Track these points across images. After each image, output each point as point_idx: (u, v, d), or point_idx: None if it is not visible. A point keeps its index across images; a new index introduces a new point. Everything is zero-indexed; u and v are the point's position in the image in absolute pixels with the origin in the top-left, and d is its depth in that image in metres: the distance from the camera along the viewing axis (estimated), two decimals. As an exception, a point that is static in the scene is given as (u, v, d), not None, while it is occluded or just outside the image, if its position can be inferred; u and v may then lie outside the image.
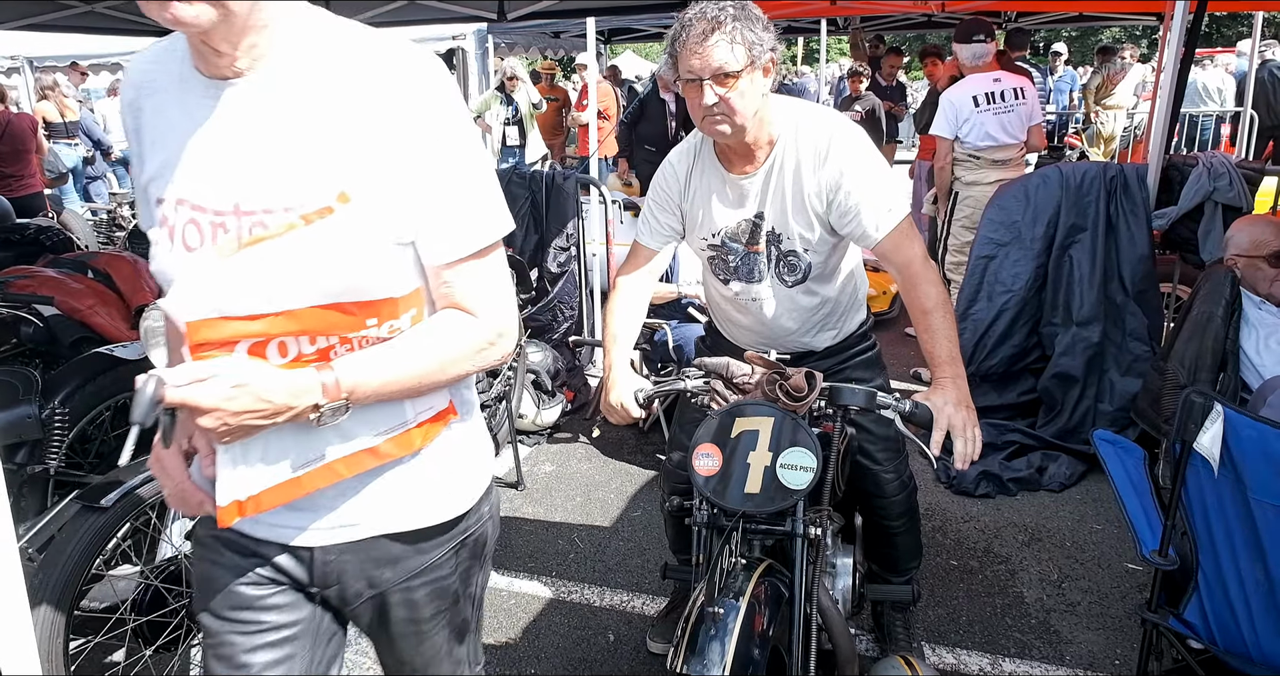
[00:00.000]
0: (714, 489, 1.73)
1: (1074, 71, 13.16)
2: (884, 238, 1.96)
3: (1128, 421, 3.60)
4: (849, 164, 1.96)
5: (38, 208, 6.17)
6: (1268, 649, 1.95)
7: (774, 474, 1.71)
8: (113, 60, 10.37)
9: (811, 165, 1.99)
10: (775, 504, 1.70)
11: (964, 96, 4.68)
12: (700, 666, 1.53)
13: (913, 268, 1.97)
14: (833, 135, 1.98)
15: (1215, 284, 2.84)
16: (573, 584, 2.96)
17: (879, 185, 1.97)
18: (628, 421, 2.05)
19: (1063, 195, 3.87)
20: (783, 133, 2.00)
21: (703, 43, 1.83)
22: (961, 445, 1.76)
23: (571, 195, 4.80)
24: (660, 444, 3.95)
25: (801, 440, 1.71)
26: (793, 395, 1.75)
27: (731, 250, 2.14)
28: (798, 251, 2.09)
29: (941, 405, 1.78)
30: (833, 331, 2.27)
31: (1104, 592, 2.86)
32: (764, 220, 2.08)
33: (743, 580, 1.69)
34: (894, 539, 2.40)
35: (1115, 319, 3.82)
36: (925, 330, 1.93)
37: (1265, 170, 4.03)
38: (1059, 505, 3.44)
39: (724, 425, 1.77)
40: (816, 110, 2.07)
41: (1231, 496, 1.93)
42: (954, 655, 2.56)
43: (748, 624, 1.59)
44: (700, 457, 1.76)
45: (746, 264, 2.14)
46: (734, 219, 2.10)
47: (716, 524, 1.81)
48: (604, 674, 2.52)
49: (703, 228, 2.16)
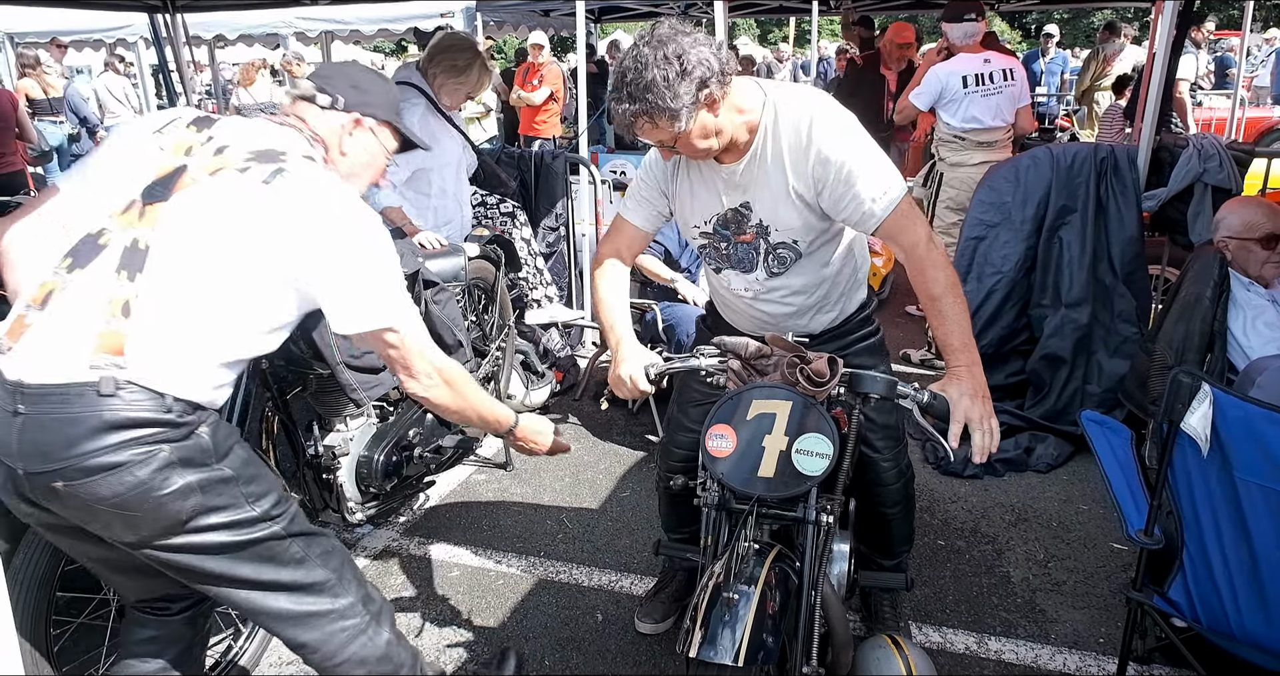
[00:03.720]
0: (727, 471, 1.71)
1: (1065, 53, 13.11)
2: (884, 220, 1.88)
3: (1115, 402, 3.61)
4: (834, 145, 1.87)
5: (19, 186, 6.09)
6: (1250, 627, 1.96)
7: (789, 459, 1.68)
8: (94, 37, 10.21)
9: (793, 149, 1.91)
10: (789, 489, 1.68)
11: (953, 74, 4.65)
12: (714, 652, 1.52)
13: (918, 251, 1.88)
14: (813, 115, 1.89)
15: (1203, 265, 2.84)
16: (561, 564, 2.96)
17: (870, 165, 1.87)
18: (635, 396, 2.02)
19: (1053, 176, 3.87)
20: (763, 118, 1.93)
21: (632, 128, 1.84)
22: (980, 437, 1.72)
23: (560, 175, 4.77)
24: (649, 425, 3.95)
25: (820, 426, 1.69)
26: (814, 380, 1.72)
27: (723, 238, 2.10)
28: (786, 243, 2.04)
29: (958, 396, 1.74)
30: (831, 313, 2.22)
31: (1090, 572, 2.88)
32: (751, 210, 2.03)
33: (754, 565, 1.67)
34: (889, 525, 2.40)
35: (1104, 300, 3.82)
36: (935, 315, 1.86)
37: (1255, 152, 4.04)
38: (1046, 485, 3.45)
39: (740, 406, 1.74)
40: (794, 90, 1.98)
41: (1217, 476, 1.94)
42: (940, 634, 2.58)
43: (760, 610, 1.58)
44: (714, 438, 1.73)
45: (738, 253, 2.10)
46: (722, 207, 2.06)
47: (727, 506, 1.79)
48: (592, 653, 2.52)
49: (693, 214, 2.12)
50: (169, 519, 1.51)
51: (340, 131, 1.79)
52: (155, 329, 1.50)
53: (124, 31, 9.90)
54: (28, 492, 1.52)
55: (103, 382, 1.45)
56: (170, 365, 1.51)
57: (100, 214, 1.57)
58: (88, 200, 1.62)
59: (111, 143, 1.72)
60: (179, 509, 1.51)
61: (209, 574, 1.61)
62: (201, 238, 1.53)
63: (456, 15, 8.63)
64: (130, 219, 1.55)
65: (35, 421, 1.46)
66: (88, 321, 1.49)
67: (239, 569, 1.62)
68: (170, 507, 1.50)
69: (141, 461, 1.47)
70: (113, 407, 1.46)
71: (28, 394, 1.47)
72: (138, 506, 1.48)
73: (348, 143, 1.80)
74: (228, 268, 1.53)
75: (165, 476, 1.49)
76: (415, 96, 3.52)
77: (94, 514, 1.50)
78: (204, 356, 1.55)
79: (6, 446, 1.49)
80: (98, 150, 1.74)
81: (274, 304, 1.59)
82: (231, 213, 1.54)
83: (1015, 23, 26.59)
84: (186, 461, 1.51)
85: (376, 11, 9.24)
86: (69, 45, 10.16)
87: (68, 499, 1.48)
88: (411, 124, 3.23)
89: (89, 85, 10.43)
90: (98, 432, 1.45)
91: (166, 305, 1.51)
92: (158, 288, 1.50)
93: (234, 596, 1.66)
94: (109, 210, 1.57)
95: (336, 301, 1.58)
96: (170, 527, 1.52)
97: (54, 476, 1.46)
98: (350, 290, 1.58)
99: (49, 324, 1.50)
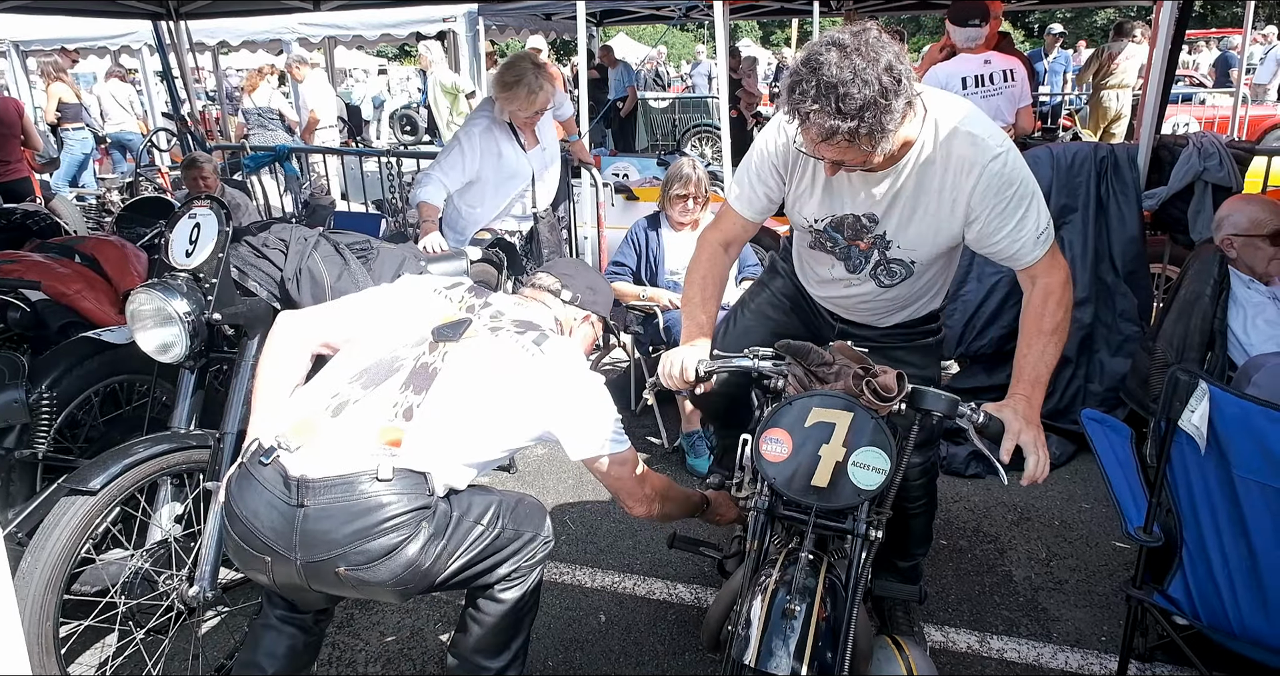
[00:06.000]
0: (780, 477, 1.69)
1: (1068, 53, 13.10)
2: (1040, 259, 1.88)
3: (1117, 401, 3.61)
4: (1001, 176, 1.81)
5: (25, 193, 6.13)
6: (1250, 624, 1.97)
7: (845, 471, 1.66)
8: (99, 43, 10.27)
9: (952, 171, 1.83)
10: (843, 501, 1.67)
11: (953, 75, 4.64)
12: (773, 662, 1.52)
13: (1051, 288, 1.88)
14: (978, 138, 1.82)
15: (1203, 264, 2.84)
16: (564, 565, 2.97)
17: (1035, 200, 1.85)
18: (681, 387, 2.02)
19: (1054, 176, 3.86)
20: (921, 134, 1.82)
21: (828, 141, 1.65)
22: (1033, 463, 1.73)
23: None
24: (651, 427, 3.96)
25: (879, 441, 1.66)
26: (880, 394, 1.70)
27: (832, 239, 2.05)
28: (904, 260, 2.00)
29: (1012, 419, 1.75)
30: (905, 316, 2.22)
31: (1091, 570, 2.88)
32: (877, 224, 1.96)
33: (807, 575, 1.65)
34: (910, 520, 2.35)
35: (1106, 299, 3.82)
36: (1029, 347, 1.87)
37: (1255, 150, 4.03)
38: (1048, 485, 3.45)
39: (798, 412, 1.72)
40: (952, 106, 1.87)
41: (1216, 473, 1.94)
42: (942, 633, 2.58)
43: (817, 621, 1.58)
44: (769, 442, 1.72)
45: (846, 253, 2.06)
46: (843, 211, 1.98)
47: (775, 512, 1.78)
48: (595, 654, 2.54)
49: (807, 209, 2.03)
50: (433, 577, 1.80)
51: (573, 321, 2.22)
52: (429, 431, 1.78)
53: (128, 38, 9.97)
54: (294, 577, 1.74)
55: (381, 468, 1.71)
56: (434, 458, 1.78)
57: (394, 344, 1.90)
58: (374, 331, 1.95)
59: (396, 291, 2.07)
60: (439, 567, 1.80)
61: (457, 583, 1.89)
62: (482, 374, 1.85)
63: (459, 20, 8.67)
64: (421, 350, 1.88)
65: (320, 511, 1.69)
66: (373, 422, 1.77)
67: (478, 567, 1.89)
68: (433, 571, 1.79)
69: (410, 538, 1.72)
70: (387, 492, 1.70)
71: (313, 487, 1.70)
72: (410, 580, 1.76)
73: (577, 330, 2.23)
74: (498, 399, 1.85)
75: (427, 549, 1.75)
76: (486, 114, 3.77)
77: (370, 590, 1.77)
78: (459, 458, 1.83)
79: (284, 538, 1.70)
80: (377, 292, 2.11)
81: (520, 431, 1.91)
82: (508, 361, 1.88)
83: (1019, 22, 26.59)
84: (439, 530, 1.78)
85: (379, 17, 9.29)
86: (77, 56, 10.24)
87: (347, 581, 1.72)
88: (472, 138, 3.65)
89: (92, 92, 10.51)
90: (374, 513, 1.69)
91: (442, 417, 1.79)
92: (438, 403, 1.80)
93: (475, 583, 1.93)
94: (401, 342, 1.90)
95: (575, 436, 1.91)
96: (432, 580, 1.81)
97: (337, 562, 1.69)
98: (586, 428, 1.92)
99: (339, 429, 1.77)
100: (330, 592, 1.81)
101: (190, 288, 2.36)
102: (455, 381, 1.83)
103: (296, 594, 1.91)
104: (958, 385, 3.98)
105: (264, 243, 2.59)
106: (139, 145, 8.55)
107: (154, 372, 2.73)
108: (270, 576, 1.77)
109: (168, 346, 2.36)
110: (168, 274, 2.40)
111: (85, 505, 2.03)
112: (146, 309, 2.33)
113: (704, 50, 16.79)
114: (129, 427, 2.79)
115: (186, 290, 2.34)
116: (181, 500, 2.31)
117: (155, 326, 2.34)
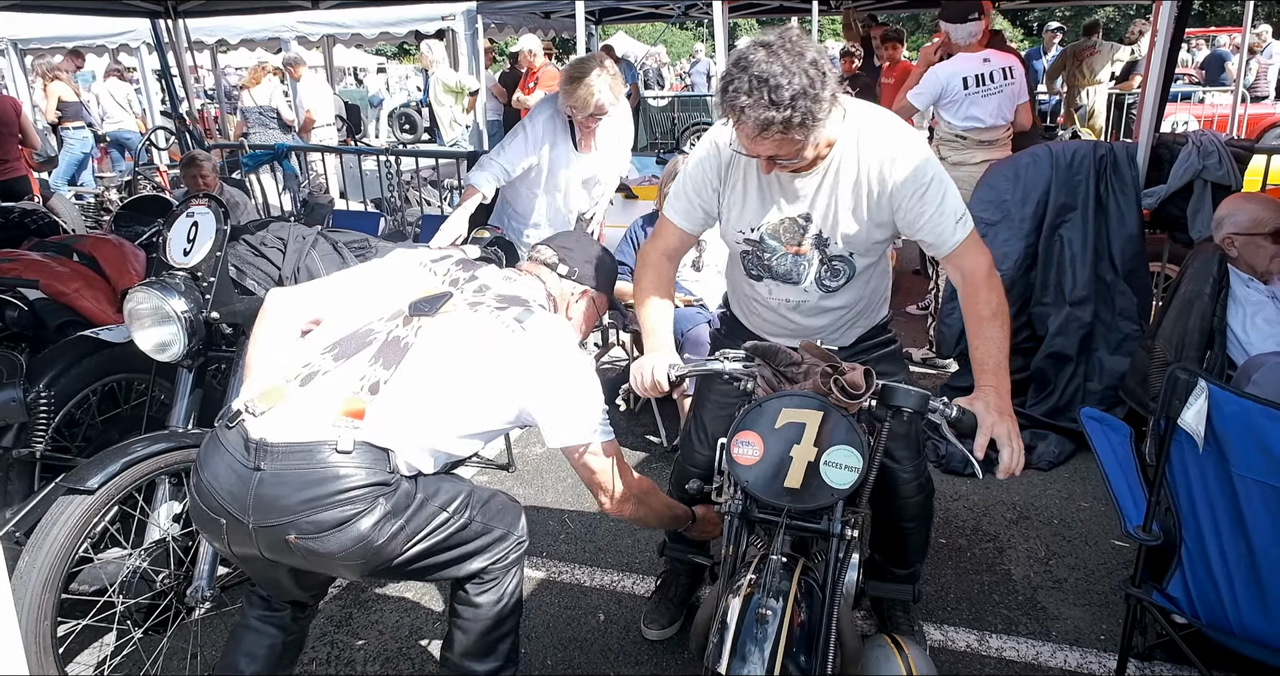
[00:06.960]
0: (752, 479, 1.69)
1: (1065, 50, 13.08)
2: (956, 247, 1.94)
3: (1116, 400, 3.61)
4: (918, 166, 1.91)
5: (23, 192, 6.12)
6: (1249, 622, 1.96)
7: (817, 470, 1.66)
8: (97, 42, 10.26)
9: (874, 166, 1.93)
10: (816, 501, 1.66)
11: (953, 75, 4.64)
12: (745, 667, 1.50)
13: (978, 275, 1.95)
14: (894, 134, 1.94)
15: (1203, 262, 2.84)
16: (563, 564, 2.97)
17: (950, 188, 1.95)
18: (652, 393, 2.02)
19: (1053, 174, 3.86)
20: (842, 133, 1.92)
21: (762, 136, 1.74)
22: (1008, 455, 1.74)
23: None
24: (650, 426, 3.96)
25: (850, 439, 1.66)
26: (848, 392, 1.69)
27: (769, 249, 2.07)
28: (844, 256, 2.03)
29: (984, 413, 1.76)
30: (861, 328, 2.24)
31: (1090, 569, 2.88)
32: (811, 222, 2.01)
33: (781, 577, 1.64)
34: (906, 538, 2.37)
35: (1105, 298, 3.82)
36: (978, 336, 1.91)
37: (1254, 148, 4.03)
38: (1047, 483, 3.45)
39: (769, 414, 1.71)
40: (868, 107, 2.00)
41: (1215, 472, 1.94)
42: (941, 631, 2.58)
43: (791, 625, 1.56)
44: (740, 445, 1.70)
45: (784, 265, 2.08)
46: (778, 216, 2.03)
47: (749, 515, 1.77)
48: (594, 653, 2.54)
49: (741, 220, 2.08)
50: (387, 556, 1.74)
51: (569, 296, 2.13)
52: (394, 407, 1.73)
53: (127, 36, 9.95)
54: (248, 543, 1.70)
55: (341, 440, 1.67)
56: (397, 435, 1.73)
57: (368, 317, 1.85)
58: (354, 304, 1.90)
59: (383, 264, 2.02)
60: (394, 548, 1.73)
61: (419, 570, 1.85)
62: (455, 351, 1.79)
63: (458, 18, 8.65)
64: (395, 324, 1.83)
65: (275, 476, 1.66)
66: (339, 393, 1.73)
67: (441, 557, 1.85)
68: (387, 549, 1.72)
69: (364, 512, 1.66)
70: (346, 463, 1.66)
71: (272, 451, 1.67)
72: (360, 556, 1.70)
73: (574, 307, 2.15)
74: (471, 378, 1.79)
75: (381, 527, 1.69)
76: (551, 104, 3.79)
77: (321, 562, 1.72)
78: (424, 440, 1.77)
79: (240, 501, 1.67)
80: (366, 267, 2.06)
81: (495, 413, 1.84)
82: (485, 339, 1.81)
83: (1017, 20, 26.57)
84: (397, 509, 1.72)
85: (378, 15, 9.28)
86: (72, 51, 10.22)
87: (297, 549, 1.68)
88: (535, 124, 3.69)
89: (91, 91, 10.50)
90: (329, 483, 1.65)
91: (410, 394, 1.74)
92: (406, 379, 1.75)
93: (439, 575, 1.91)
94: (377, 315, 1.85)
95: (553, 419, 1.83)
96: (387, 560, 1.75)
97: (288, 528, 1.65)
98: (564, 413, 1.83)
99: (305, 397, 1.74)
100: (286, 563, 1.76)
101: (188, 286, 2.36)
102: (426, 357, 1.78)
103: (257, 569, 1.86)
104: (957, 385, 3.98)
105: (262, 241, 2.59)
106: (137, 144, 8.54)
107: (152, 371, 2.73)
108: (225, 540, 1.73)
109: (166, 345, 2.36)
110: (166, 272, 2.40)
111: (83, 504, 2.03)
112: (144, 308, 2.33)
113: (702, 48, 16.79)
114: (127, 426, 2.80)
115: (184, 289, 2.34)
116: (180, 499, 2.31)
117: (153, 325, 2.34)
